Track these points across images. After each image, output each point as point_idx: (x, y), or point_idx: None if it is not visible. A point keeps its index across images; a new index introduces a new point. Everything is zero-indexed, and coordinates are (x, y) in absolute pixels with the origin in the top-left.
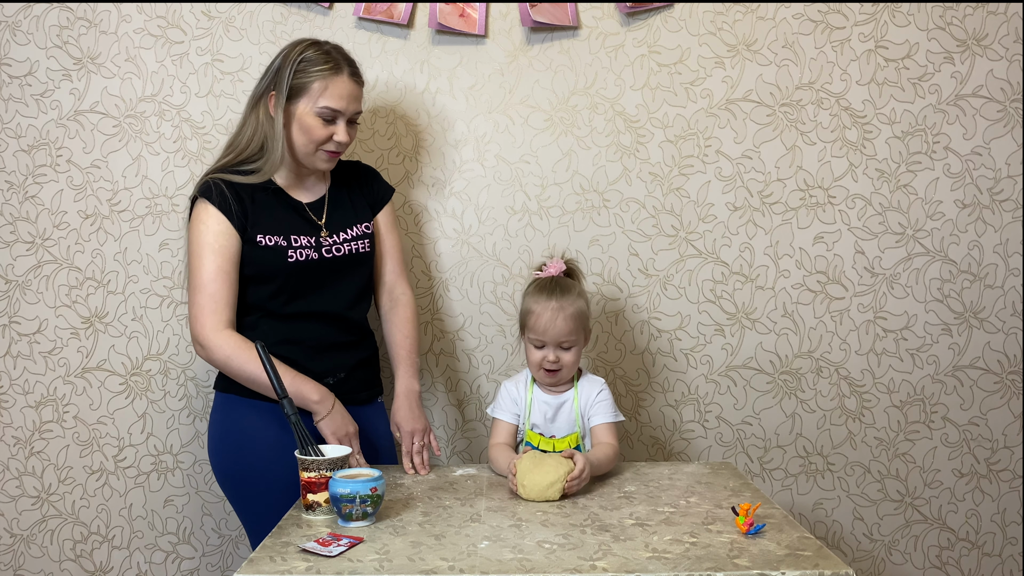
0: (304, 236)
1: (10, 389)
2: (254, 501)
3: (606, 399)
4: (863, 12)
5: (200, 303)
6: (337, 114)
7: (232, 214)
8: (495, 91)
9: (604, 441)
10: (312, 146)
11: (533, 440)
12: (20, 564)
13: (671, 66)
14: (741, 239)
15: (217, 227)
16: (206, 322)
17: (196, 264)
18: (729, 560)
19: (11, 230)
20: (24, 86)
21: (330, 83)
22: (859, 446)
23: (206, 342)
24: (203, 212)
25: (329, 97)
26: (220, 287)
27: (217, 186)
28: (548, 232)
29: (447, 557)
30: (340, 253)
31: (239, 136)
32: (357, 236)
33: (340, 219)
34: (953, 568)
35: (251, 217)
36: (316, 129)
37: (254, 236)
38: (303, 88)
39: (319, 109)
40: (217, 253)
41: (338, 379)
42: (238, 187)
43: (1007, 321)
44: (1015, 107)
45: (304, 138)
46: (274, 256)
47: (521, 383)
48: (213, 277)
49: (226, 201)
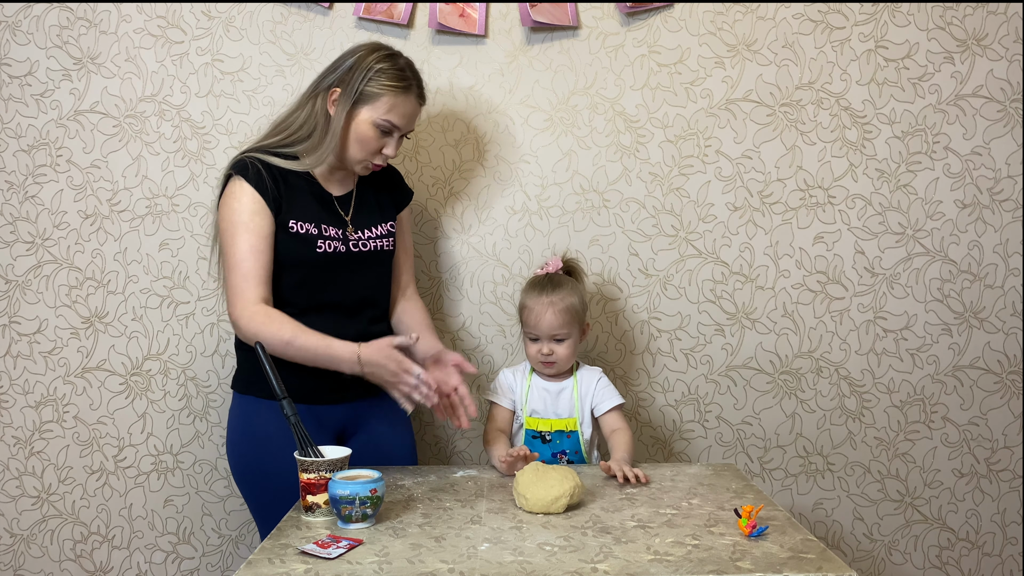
0: (333, 228)
1: (10, 389)
2: (271, 503)
3: (608, 384)
4: (863, 12)
5: (233, 283)
6: (395, 129)
7: (268, 194)
8: (495, 91)
9: (619, 427)
10: (362, 154)
11: (532, 425)
12: (20, 564)
13: (671, 66)
14: (741, 239)
15: (252, 205)
16: (238, 302)
17: (229, 243)
18: (732, 563)
19: (11, 230)
20: (24, 86)
21: (399, 100)
22: (859, 446)
23: (238, 319)
24: (238, 189)
25: (394, 114)
26: (254, 264)
27: (253, 165)
28: (548, 232)
29: (447, 559)
30: (367, 249)
31: (290, 119)
32: (382, 234)
33: (367, 216)
34: (953, 568)
35: (285, 201)
36: (372, 140)
37: (286, 221)
38: (372, 97)
39: (380, 121)
40: (251, 232)
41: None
42: (273, 168)
43: (1007, 321)
44: (1015, 107)
45: (357, 144)
46: (303, 245)
47: (520, 371)
48: (246, 255)
49: (262, 180)
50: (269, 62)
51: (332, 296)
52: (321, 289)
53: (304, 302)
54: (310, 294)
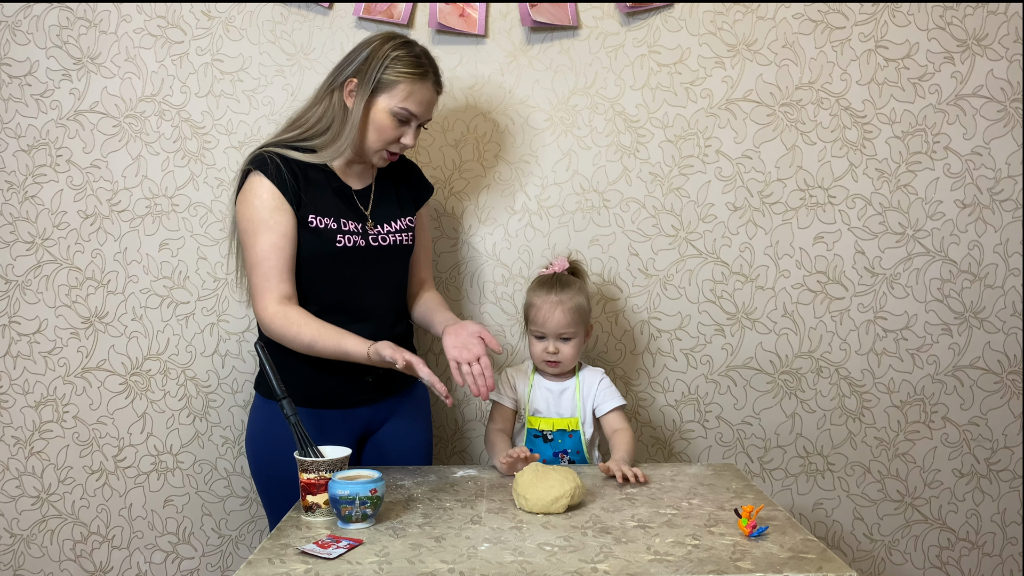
0: (352, 222)
1: (10, 389)
2: (288, 506)
3: (609, 385)
4: (863, 12)
5: (255, 282)
6: (413, 118)
7: (288, 189)
8: (495, 91)
9: (620, 427)
10: (380, 143)
11: (534, 425)
12: (20, 564)
13: (671, 66)
14: (741, 239)
15: (272, 202)
16: (260, 301)
17: (250, 241)
18: (732, 563)
19: (11, 230)
20: (24, 86)
21: (416, 87)
22: (859, 446)
23: (262, 319)
24: (258, 186)
25: (412, 101)
26: (276, 262)
27: (273, 160)
28: (548, 232)
29: (447, 559)
30: (386, 243)
31: (307, 114)
32: (401, 229)
33: (386, 211)
34: (953, 568)
35: (304, 195)
36: (389, 128)
37: (305, 216)
38: (389, 85)
39: (398, 110)
40: (272, 229)
41: (376, 376)
42: (292, 162)
43: (1007, 321)
44: (1015, 107)
45: (375, 134)
46: (323, 240)
47: (522, 371)
48: (268, 253)
49: (282, 176)
50: (269, 62)
51: (351, 292)
52: (340, 284)
53: (324, 298)
54: (329, 290)
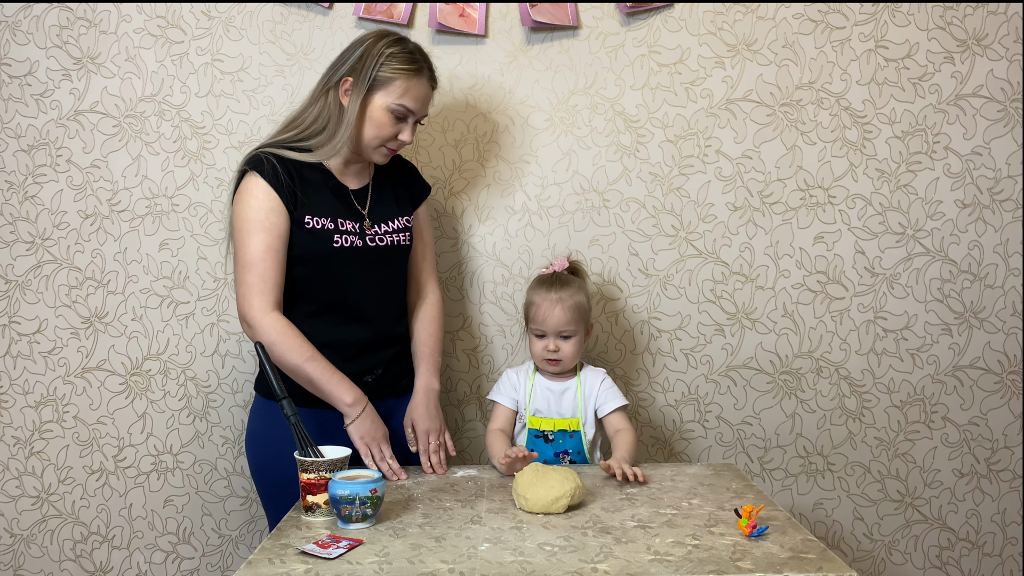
0: (349, 222)
1: (10, 389)
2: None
3: (611, 386)
4: (863, 12)
5: (248, 282)
6: (410, 114)
7: (283, 190)
8: (495, 91)
9: (622, 427)
10: (377, 140)
11: (535, 425)
12: (20, 564)
13: (671, 66)
14: (741, 239)
15: (268, 203)
16: (254, 302)
17: (243, 241)
18: (732, 563)
19: (11, 230)
20: (24, 86)
21: (412, 83)
22: (859, 446)
23: (255, 322)
24: (253, 186)
25: (408, 97)
26: (269, 266)
27: (269, 160)
28: (548, 232)
29: (447, 559)
30: (383, 243)
31: (303, 114)
32: (399, 229)
33: (383, 210)
34: (953, 568)
35: (300, 196)
36: (386, 125)
37: (302, 217)
38: (385, 82)
39: (395, 106)
40: (267, 230)
41: (376, 376)
42: (288, 163)
43: (1007, 321)
44: (1015, 107)
45: (372, 131)
46: (320, 240)
47: (523, 371)
48: (262, 256)
49: (278, 176)
50: (269, 62)
51: (349, 292)
52: (338, 285)
53: (321, 299)
54: (327, 290)
